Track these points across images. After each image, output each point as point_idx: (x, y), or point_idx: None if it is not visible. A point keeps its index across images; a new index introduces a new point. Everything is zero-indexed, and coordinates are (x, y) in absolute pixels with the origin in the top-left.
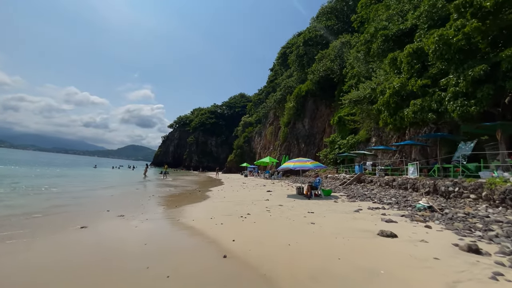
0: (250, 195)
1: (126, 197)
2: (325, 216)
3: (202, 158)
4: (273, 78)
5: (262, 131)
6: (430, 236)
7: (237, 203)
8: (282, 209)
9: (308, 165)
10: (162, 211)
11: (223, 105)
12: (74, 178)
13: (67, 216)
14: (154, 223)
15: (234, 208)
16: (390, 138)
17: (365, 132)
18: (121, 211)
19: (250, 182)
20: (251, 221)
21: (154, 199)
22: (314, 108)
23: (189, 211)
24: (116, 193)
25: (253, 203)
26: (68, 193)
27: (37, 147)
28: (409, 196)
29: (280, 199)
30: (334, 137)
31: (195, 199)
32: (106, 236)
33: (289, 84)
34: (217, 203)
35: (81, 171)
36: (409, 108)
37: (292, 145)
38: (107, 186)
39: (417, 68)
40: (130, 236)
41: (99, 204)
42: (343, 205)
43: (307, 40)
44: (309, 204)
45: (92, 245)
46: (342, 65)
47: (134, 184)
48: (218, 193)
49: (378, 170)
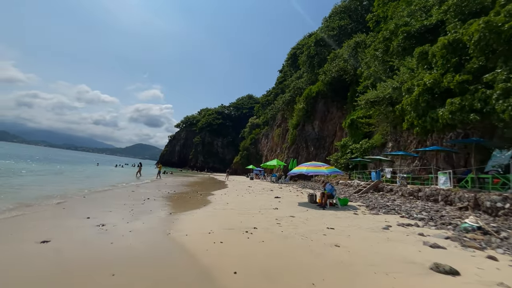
0: (257, 201)
1: (118, 200)
2: (349, 235)
3: (208, 159)
4: (282, 79)
5: (269, 133)
6: (506, 275)
7: (241, 211)
8: (295, 221)
9: (322, 170)
10: (152, 219)
11: (230, 106)
12: (68, 176)
13: (28, 223)
14: (137, 237)
15: (238, 218)
16: (409, 144)
17: (380, 136)
18: (103, 219)
19: (256, 186)
20: (258, 238)
21: (148, 204)
22: (324, 110)
23: (184, 221)
24: (107, 195)
25: (260, 212)
26: (47, 192)
27: (48, 143)
28: (442, 211)
29: (291, 207)
30: (346, 141)
31: (194, 204)
32: (69, 255)
33: (298, 85)
34: (219, 210)
35: (80, 168)
36: (445, 108)
37: (300, 148)
38: (98, 186)
39: (454, 62)
40: (100, 257)
41: (82, 208)
42: (366, 219)
43: (319, 41)
44: (325, 216)
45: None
46: (356, 65)
47: (130, 185)
48: (221, 197)
49: (399, 178)
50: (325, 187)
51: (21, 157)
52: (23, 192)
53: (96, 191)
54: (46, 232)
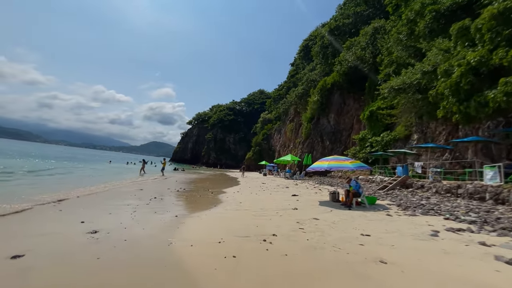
0: (273, 200)
1: (122, 199)
2: (393, 244)
3: (220, 155)
4: (294, 72)
5: (281, 128)
6: None
7: (257, 213)
8: (321, 225)
9: (347, 165)
10: (155, 224)
11: (241, 102)
12: (77, 174)
13: (11, 227)
14: (132, 248)
15: (253, 222)
16: (437, 135)
17: (404, 128)
18: (99, 223)
19: (270, 183)
20: (279, 250)
21: (153, 204)
22: (340, 102)
23: (191, 226)
24: (112, 194)
25: (278, 213)
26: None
27: (68, 142)
28: (494, 211)
29: (312, 208)
30: (365, 134)
31: (204, 204)
32: (37, 277)
33: (312, 77)
34: (231, 212)
35: (92, 166)
36: (498, 89)
37: (315, 143)
38: (105, 185)
39: (506, 35)
40: (79, 273)
41: (80, 210)
42: (404, 221)
43: (333, 29)
44: (354, 218)
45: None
46: (375, 52)
47: (138, 183)
48: (233, 196)
49: (431, 173)
50: (350, 183)
51: (46, 156)
52: (28, 191)
53: (100, 190)
54: (25, 242)
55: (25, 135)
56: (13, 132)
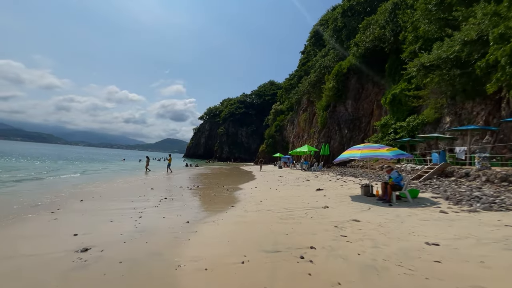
0: (297, 196)
1: (129, 202)
2: (482, 260)
3: (233, 149)
4: (305, 60)
5: (294, 119)
6: None
7: (282, 214)
8: (365, 230)
9: (384, 153)
10: (161, 235)
11: (252, 94)
12: (89, 173)
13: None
14: (125, 276)
15: (281, 228)
16: (474, 116)
17: (433, 110)
18: (94, 236)
19: (288, 176)
20: (327, 276)
21: (163, 205)
22: (358, 87)
23: (204, 236)
24: (118, 195)
25: (308, 213)
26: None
27: (87, 142)
28: None
29: (344, 204)
30: (387, 120)
31: (220, 204)
32: None
33: (325, 63)
34: (252, 214)
35: (104, 165)
36: None
37: (332, 132)
38: (113, 185)
39: None
40: None
41: (78, 217)
42: (468, 220)
43: (346, 10)
44: (401, 217)
45: None
46: (396, 30)
47: (150, 181)
48: (251, 193)
49: (479, 158)
50: (390, 174)
51: (68, 158)
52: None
53: (107, 192)
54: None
55: (47, 138)
56: (36, 136)
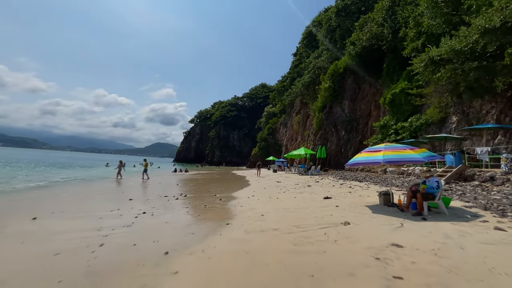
0: (305, 208)
1: (97, 218)
2: None
3: (225, 153)
4: (298, 62)
5: (287, 122)
6: None
7: (294, 236)
8: (419, 262)
9: (414, 156)
10: (118, 280)
11: (244, 97)
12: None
13: None
14: None
15: (298, 261)
16: (484, 114)
17: (437, 110)
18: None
19: (285, 181)
20: None
21: (140, 222)
22: (355, 88)
23: (186, 283)
24: (88, 207)
25: (327, 235)
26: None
27: (73, 147)
28: None
29: (366, 218)
30: (387, 121)
31: (211, 221)
32: None
33: (319, 64)
34: (253, 237)
35: (88, 171)
36: None
37: (329, 133)
38: (85, 194)
39: None
40: None
41: (13, 244)
42: None
43: (340, 10)
44: (452, 237)
45: None
46: (395, 27)
47: (132, 188)
48: (249, 203)
49: (506, 160)
50: (429, 180)
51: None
52: None
53: (74, 204)
54: None
55: (32, 143)
56: (20, 141)
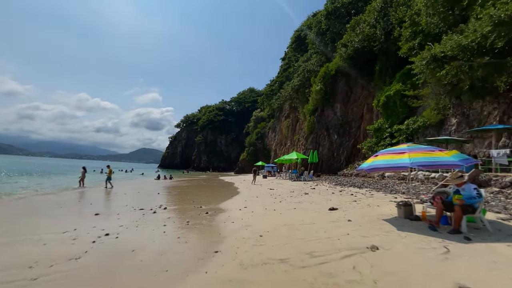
0: (311, 224)
1: (38, 246)
2: None
3: (212, 158)
4: (287, 66)
5: (276, 126)
6: None
7: (309, 270)
8: None
9: (447, 159)
10: None
11: (231, 101)
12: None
13: None
14: None
15: None
16: (485, 116)
17: (435, 112)
18: None
19: (278, 187)
20: None
21: (92, 256)
22: (347, 90)
23: None
24: (38, 231)
25: (356, 268)
26: None
27: (53, 153)
28: None
29: (392, 237)
30: (381, 124)
31: (193, 249)
32: None
33: (308, 67)
34: (252, 273)
35: (44, 179)
36: None
37: (321, 137)
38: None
39: None
40: None
41: None
42: None
43: (330, 13)
44: None
45: None
46: (388, 28)
47: (100, 199)
48: (241, 218)
49: None
50: (461, 188)
51: (15, 171)
52: None
53: (14, 224)
54: None
55: (7, 149)
56: None
